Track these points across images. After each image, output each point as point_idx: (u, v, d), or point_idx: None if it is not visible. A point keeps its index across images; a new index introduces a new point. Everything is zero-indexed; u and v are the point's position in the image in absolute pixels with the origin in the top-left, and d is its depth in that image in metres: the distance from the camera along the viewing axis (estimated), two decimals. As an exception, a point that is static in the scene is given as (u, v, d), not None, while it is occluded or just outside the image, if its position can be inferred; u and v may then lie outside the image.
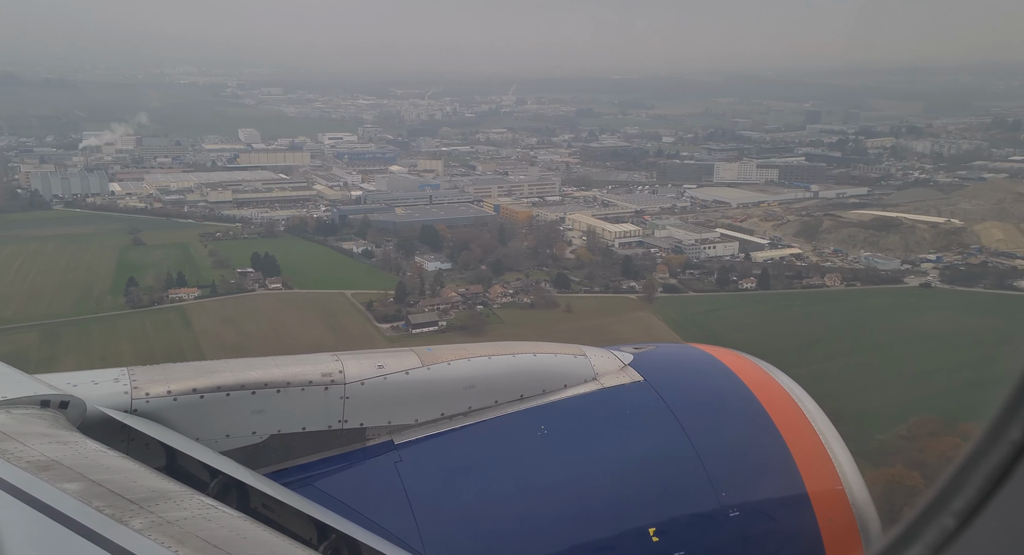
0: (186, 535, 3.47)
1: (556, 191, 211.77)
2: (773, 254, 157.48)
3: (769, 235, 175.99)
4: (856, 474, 6.26)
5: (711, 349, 7.38)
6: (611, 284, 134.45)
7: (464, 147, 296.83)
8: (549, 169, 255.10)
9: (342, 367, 5.85)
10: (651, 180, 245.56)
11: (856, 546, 6.03)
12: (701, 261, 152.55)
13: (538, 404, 6.23)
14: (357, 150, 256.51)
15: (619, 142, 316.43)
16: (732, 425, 6.52)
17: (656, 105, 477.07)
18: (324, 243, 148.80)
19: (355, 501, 5.47)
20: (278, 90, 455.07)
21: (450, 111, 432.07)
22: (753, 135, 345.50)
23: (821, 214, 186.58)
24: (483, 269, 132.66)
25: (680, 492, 6.00)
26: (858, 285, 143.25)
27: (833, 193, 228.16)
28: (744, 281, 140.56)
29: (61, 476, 3.86)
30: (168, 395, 5.37)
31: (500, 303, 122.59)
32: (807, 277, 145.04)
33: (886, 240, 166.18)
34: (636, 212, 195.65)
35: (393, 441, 5.88)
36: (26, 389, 5.03)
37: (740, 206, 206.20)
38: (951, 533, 1.76)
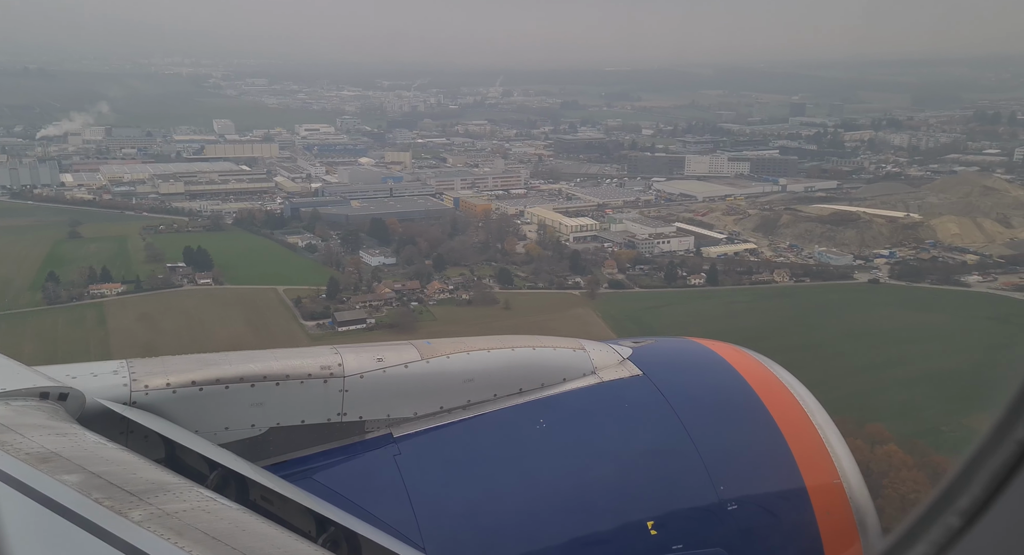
0: (185, 527, 3.46)
1: (522, 184, 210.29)
2: (727, 249, 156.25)
3: (729, 230, 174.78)
4: (854, 469, 6.19)
5: (710, 343, 7.33)
6: (556, 280, 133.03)
7: (440, 139, 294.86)
8: (520, 162, 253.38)
9: (341, 360, 5.81)
10: (621, 173, 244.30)
11: (854, 540, 6.00)
12: (654, 256, 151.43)
13: (537, 398, 6.20)
14: (328, 142, 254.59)
15: (598, 135, 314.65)
16: (730, 419, 6.48)
17: (643, 97, 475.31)
18: (270, 237, 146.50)
19: (354, 494, 5.44)
20: (263, 81, 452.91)
21: (434, 103, 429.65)
22: (733, 128, 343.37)
23: (781, 209, 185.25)
24: (427, 264, 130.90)
25: (678, 486, 5.94)
26: (807, 281, 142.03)
27: (802, 187, 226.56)
28: (693, 277, 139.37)
29: (60, 468, 3.87)
30: (167, 387, 5.34)
31: (437, 300, 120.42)
32: (757, 273, 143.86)
33: (842, 235, 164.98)
34: (598, 206, 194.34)
35: (392, 434, 5.86)
36: (25, 381, 4.98)
37: (705, 200, 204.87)
38: (956, 531, 1.75)
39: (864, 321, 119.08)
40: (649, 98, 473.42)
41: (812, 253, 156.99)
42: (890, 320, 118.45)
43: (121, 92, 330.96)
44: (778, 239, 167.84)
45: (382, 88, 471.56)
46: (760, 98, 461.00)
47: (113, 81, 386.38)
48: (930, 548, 1.77)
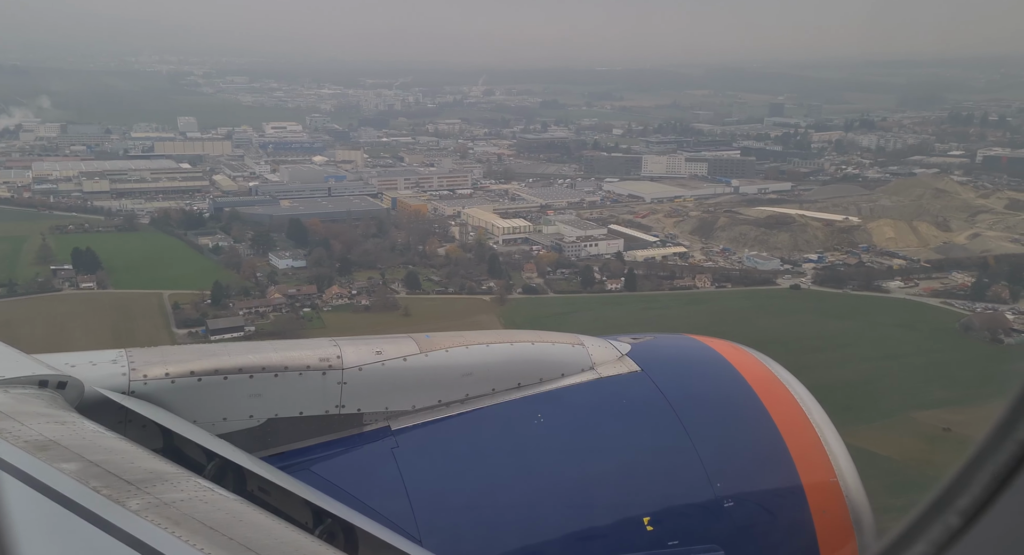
0: (183, 517, 3.46)
1: (469, 184, 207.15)
2: (656, 253, 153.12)
3: (666, 232, 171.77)
4: (851, 467, 6.13)
5: (709, 340, 7.27)
6: (469, 284, 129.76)
7: (407, 138, 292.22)
8: (479, 161, 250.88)
9: (340, 353, 5.79)
10: (578, 173, 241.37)
11: (849, 538, 5.98)
12: (580, 259, 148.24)
13: (535, 393, 6.16)
14: (287, 140, 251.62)
15: (568, 134, 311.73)
16: (728, 416, 6.43)
17: (627, 97, 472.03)
18: (182, 237, 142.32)
19: (351, 486, 5.42)
20: (243, 78, 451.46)
21: (412, 101, 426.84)
22: (705, 128, 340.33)
23: (721, 211, 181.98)
24: (338, 266, 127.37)
25: (675, 482, 5.93)
26: (728, 286, 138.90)
27: (755, 188, 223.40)
28: (611, 282, 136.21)
29: (59, 456, 3.87)
30: (166, 377, 5.33)
31: (334, 305, 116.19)
32: (680, 277, 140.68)
33: (775, 239, 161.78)
34: (541, 207, 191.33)
35: (390, 427, 5.83)
36: (24, 369, 4.97)
37: (653, 201, 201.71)
38: (956, 531, 1.74)
39: (774, 328, 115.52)
40: (632, 98, 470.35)
41: (742, 257, 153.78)
42: (800, 327, 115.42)
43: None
44: (713, 242, 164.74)
45: (364, 86, 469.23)
46: (746, 98, 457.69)
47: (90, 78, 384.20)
48: (929, 547, 1.76)
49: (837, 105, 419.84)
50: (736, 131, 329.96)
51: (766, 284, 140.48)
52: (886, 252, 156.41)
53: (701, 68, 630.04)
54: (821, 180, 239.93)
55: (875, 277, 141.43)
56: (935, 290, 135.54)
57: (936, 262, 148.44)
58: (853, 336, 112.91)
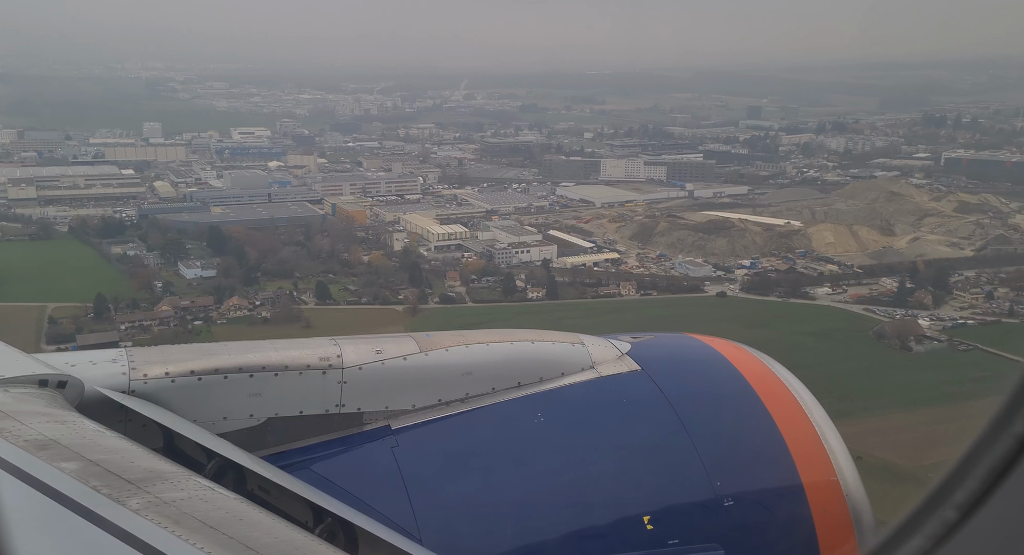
0: (182, 516, 3.45)
1: (419, 189, 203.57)
2: (587, 259, 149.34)
3: (607, 238, 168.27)
4: (851, 466, 6.06)
5: (709, 339, 7.23)
6: (384, 294, 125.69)
7: (372, 143, 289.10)
8: (440, 166, 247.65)
9: (340, 352, 5.76)
10: (536, 177, 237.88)
11: (849, 537, 5.93)
12: (511, 266, 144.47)
13: (535, 392, 6.12)
14: (245, 145, 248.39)
15: (541, 138, 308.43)
16: (728, 415, 6.39)
17: (608, 100, 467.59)
18: (96, 246, 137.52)
19: (351, 485, 5.39)
20: (223, 84, 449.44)
21: (391, 106, 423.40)
22: (677, 131, 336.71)
23: (663, 216, 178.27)
24: (245, 276, 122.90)
25: (675, 481, 5.87)
26: (653, 294, 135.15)
27: (711, 192, 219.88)
28: (535, 290, 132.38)
29: (59, 455, 3.85)
30: (166, 376, 5.30)
31: (231, 317, 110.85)
32: (606, 285, 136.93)
33: (713, 244, 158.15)
34: (487, 212, 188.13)
35: (390, 426, 5.79)
36: (24, 368, 4.95)
37: (603, 205, 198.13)
38: (953, 525, 1.73)
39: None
40: (615, 101, 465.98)
41: (675, 263, 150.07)
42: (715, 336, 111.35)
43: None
44: (651, 248, 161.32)
45: (346, 91, 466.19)
46: (729, 101, 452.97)
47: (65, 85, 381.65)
48: (926, 542, 1.76)
49: (821, 108, 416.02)
50: (708, 134, 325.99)
51: (693, 291, 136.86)
52: (822, 257, 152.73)
53: (690, 71, 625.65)
54: (780, 184, 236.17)
55: (804, 284, 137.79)
56: (862, 296, 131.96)
57: (868, 268, 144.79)
58: (763, 345, 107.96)
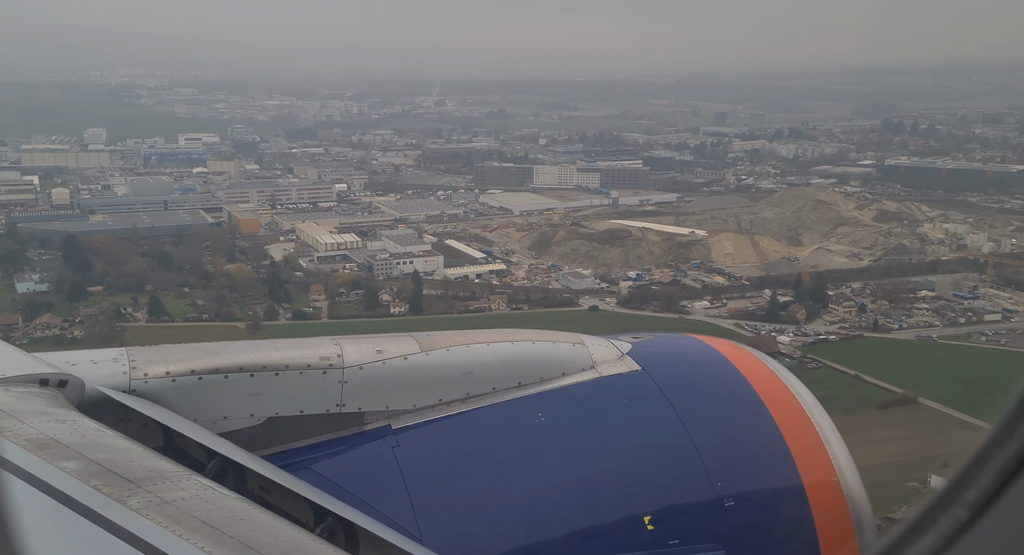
0: (183, 515, 3.41)
1: (333, 196, 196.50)
2: (472, 270, 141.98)
3: (506, 247, 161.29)
4: (851, 466, 6.01)
5: (710, 339, 7.14)
6: (228, 310, 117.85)
7: (319, 149, 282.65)
8: (375, 172, 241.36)
9: (341, 351, 5.70)
10: (469, 184, 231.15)
11: (850, 537, 5.86)
12: (389, 278, 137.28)
13: (536, 392, 6.07)
14: (174, 151, 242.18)
15: (495, 144, 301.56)
16: (729, 415, 6.33)
17: (582, 107, 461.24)
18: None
19: (352, 485, 5.35)
20: (191, 90, 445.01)
21: (356, 112, 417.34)
22: (633, 137, 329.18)
23: (566, 224, 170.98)
24: (78, 290, 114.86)
25: (676, 481, 5.80)
26: (524, 308, 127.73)
27: (637, 200, 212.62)
28: (398, 304, 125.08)
29: (59, 454, 3.82)
30: (167, 376, 5.25)
31: (35, 337, 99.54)
32: (479, 298, 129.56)
33: (606, 254, 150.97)
34: (395, 220, 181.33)
35: (391, 426, 5.75)
36: (25, 367, 4.91)
37: (521, 213, 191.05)
38: (964, 524, 1.70)
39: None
40: (587, 108, 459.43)
41: (559, 275, 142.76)
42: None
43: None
44: (546, 258, 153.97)
45: (318, 97, 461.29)
46: (705, 107, 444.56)
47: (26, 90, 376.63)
48: (938, 540, 1.73)
49: (795, 114, 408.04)
50: (662, 140, 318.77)
51: (567, 305, 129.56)
52: (715, 269, 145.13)
53: (673, 78, 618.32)
54: (714, 191, 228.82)
55: (684, 297, 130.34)
56: (739, 311, 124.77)
57: (757, 280, 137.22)
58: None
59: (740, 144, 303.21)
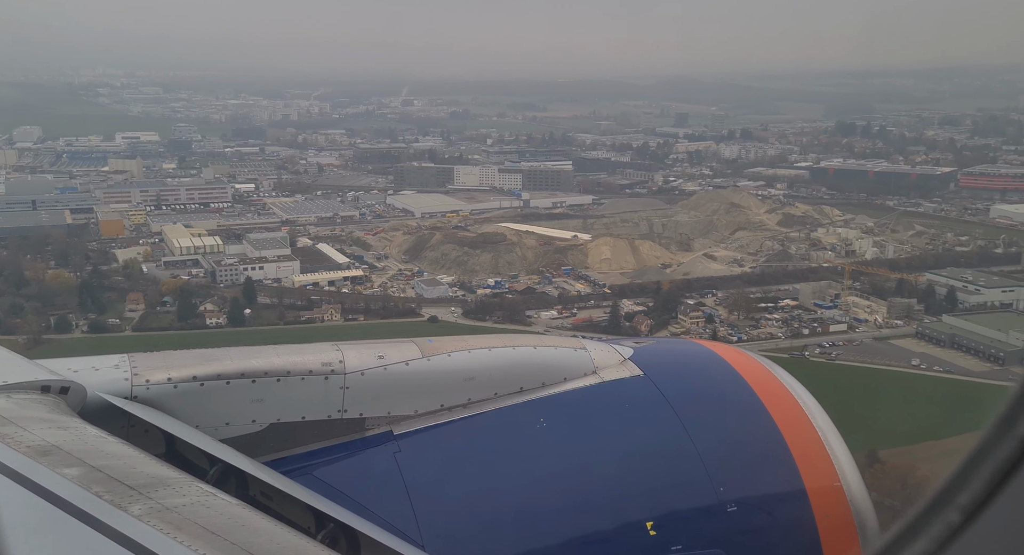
0: (184, 522, 3.37)
1: (228, 198, 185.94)
2: (326, 277, 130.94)
3: (384, 252, 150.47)
4: (854, 471, 5.86)
5: (712, 344, 6.99)
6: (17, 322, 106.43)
7: (253, 149, 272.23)
8: (297, 173, 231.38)
9: (342, 357, 5.54)
10: (390, 185, 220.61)
11: (853, 543, 5.70)
12: (232, 285, 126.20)
13: (537, 397, 5.91)
14: (90, 150, 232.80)
15: (441, 145, 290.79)
16: (731, 421, 6.17)
17: (552, 108, 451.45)
18: None
19: (354, 491, 5.23)
20: (156, 89, 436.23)
21: (317, 112, 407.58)
22: (581, 138, 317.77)
23: (452, 227, 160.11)
24: None
25: (678, 487, 5.66)
26: (360, 319, 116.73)
27: (550, 202, 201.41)
28: (215, 315, 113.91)
29: (61, 461, 3.77)
30: (168, 382, 5.13)
31: None
32: (314, 308, 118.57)
33: (476, 260, 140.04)
34: (282, 222, 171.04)
35: (392, 431, 5.59)
36: (27, 374, 4.80)
37: (423, 216, 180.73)
38: (956, 528, 1.67)
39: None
40: (556, 109, 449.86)
41: (413, 283, 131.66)
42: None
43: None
44: (418, 263, 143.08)
45: (286, 97, 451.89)
46: (680, 108, 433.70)
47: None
48: (931, 544, 1.70)
49: (767, 116, 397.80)
50: (610, 141, 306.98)
51: (407, 316, 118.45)
52: (582, 276, 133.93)
53: (654, 79, 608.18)
54: (636, 193, 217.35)
55: (538, 305, 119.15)
56: (585, 321, 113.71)
57: (619, 288, 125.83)
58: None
59: (686, 146, 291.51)
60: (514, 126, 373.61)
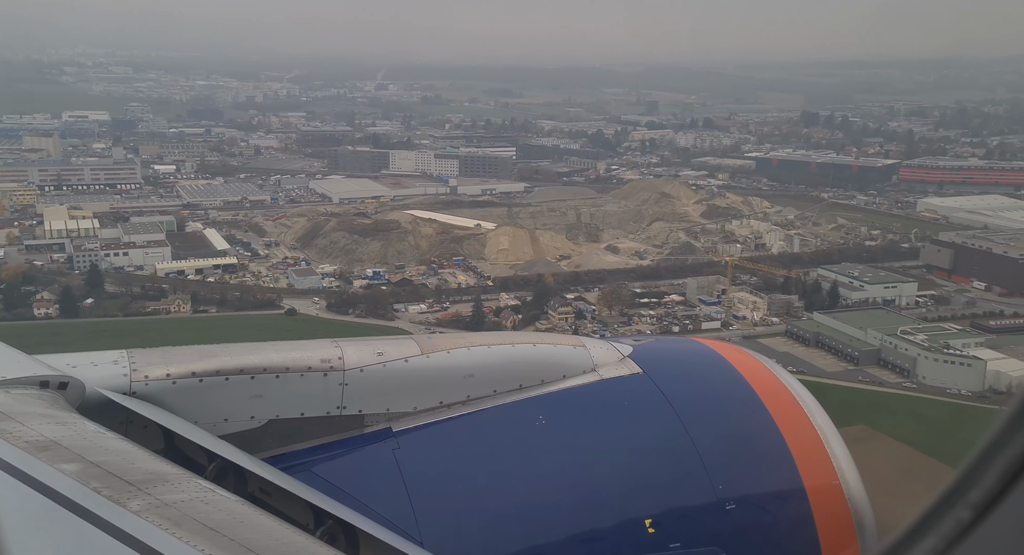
0: (183, 518, 3.33)
1: (137, 179, 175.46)
2: (195, 265, 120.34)
3: (277, 239, 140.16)
4: (853, 469, 5.79)
5: (711, 342, 6.84)
6: None
7: (198, 130, 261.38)
8: (232, 154, 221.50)
9: (341, 354, 5.45)
10: (322, 169, 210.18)
11: (851, 541, 5.65)
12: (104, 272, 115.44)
13: (536, 394, 5.84)
14: (13, 127, 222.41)
15: (399, 129, 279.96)
16: (730, 419, 6.10)
17: (530, 95, 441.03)
18: None
19: (352, 487, 5.15)
20: (126, 69, 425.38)
21: (285, 94, 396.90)
22: (542, 124, 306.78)
23: (353, 214, 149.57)
24: None
25: (677, 484, 5.57)
26: (212, 311, 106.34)
27: (479, 189, 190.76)
28: (44, 306, 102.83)
29: (59, 457, 3.72)
30: (167, 378, 5.05)
31: None
32: (163, 299, 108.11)
33: (365, 248, 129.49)
34: (184, 205, 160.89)
35: (391, 428, 5.53)
36: (25, 369, 4.75)
37: (340, 201, 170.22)
38: (967, 525, 1.63)
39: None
40: (533, 95, 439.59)
41: (287, 272, 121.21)
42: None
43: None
44: (307, 251, 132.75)
45: (260, 78, 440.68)
46: (658, 97, 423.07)
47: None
48: (940, 542, 1.66)
49: (747, 105, 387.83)
50: (569, 128, 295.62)
51: (266, 308, 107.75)
52: (470, 267, 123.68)
53: (640, 67, 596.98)
54: (573, 181, 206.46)
55: (412, 298, 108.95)
56: (455, 316, 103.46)
57: (503, 281, 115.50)
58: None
59: (644, 134, 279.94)
60: (484, 112, 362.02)
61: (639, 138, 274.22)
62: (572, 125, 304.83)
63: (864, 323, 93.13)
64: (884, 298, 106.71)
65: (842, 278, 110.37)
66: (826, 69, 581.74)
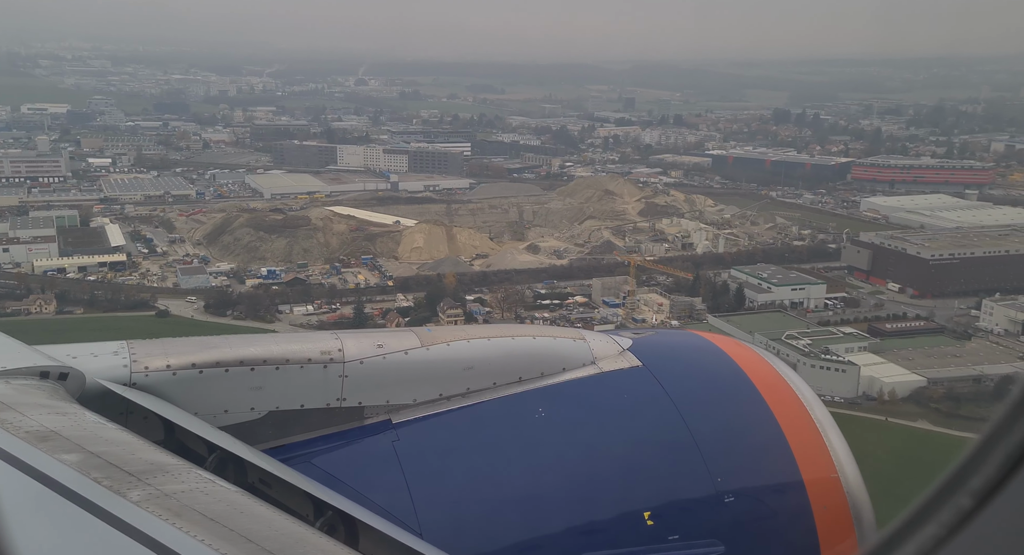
0: (183, 508, 3.29)
1: (62, 172, 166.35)
2: (71, 262, 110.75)
3: (186, 236, 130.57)
4: (851, 463, 5.72)
5: (711, 336, 6.83)
6: None
7: (155, 123, 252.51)
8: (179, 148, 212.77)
9: (341, 345, 5.39)
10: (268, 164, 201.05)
11: (850, 533, 5.60)
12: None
13: (536, 387, 5.76)
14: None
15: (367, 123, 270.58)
16: (729, 412, 6.03)
17: (508, 91, 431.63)
18: None
19: (352, 479, 5.10)
20: (104, 63, 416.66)
21: (260, 89, 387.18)
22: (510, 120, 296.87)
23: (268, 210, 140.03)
24: None
25: (676, 477, 5.52)
26: (79, 312, 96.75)
27: (421, 185, 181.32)
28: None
29: (59, 447, 3.66)
30: (167, 369, 4.99)
31: None
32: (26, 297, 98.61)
33: (270, 246, 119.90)
34: (101, 199, 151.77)
35: (391, 420, 5.47)
36: (25, 360, 4.65)
37: (272, 197, 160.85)
38: (967, 513, 1.59)
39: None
40: (515, 91, 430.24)
41: (176, 270, 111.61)
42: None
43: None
44: (210, 249, 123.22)
45: (240, 73, 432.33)
46: (641, 93, 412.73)
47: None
48: (940, 530, 1.63)
49: (731, 102, 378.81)
50: (535, 124, 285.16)
51: (138, 308, 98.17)
52: (376, 266, 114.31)
53: (629, 64, 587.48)
54: (523, 178, 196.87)
55: (299, 299, 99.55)
56: (342, 317, 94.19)
57: (403, 281, 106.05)
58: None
59: (610, 130, 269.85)
60: (460, 108, 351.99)
61: (604, 134, 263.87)
62: (541, 121, 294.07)
63: (756, 327, 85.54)
64: (792, 300, 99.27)
65: (752, 279, 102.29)
66: (817, 67, 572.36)
